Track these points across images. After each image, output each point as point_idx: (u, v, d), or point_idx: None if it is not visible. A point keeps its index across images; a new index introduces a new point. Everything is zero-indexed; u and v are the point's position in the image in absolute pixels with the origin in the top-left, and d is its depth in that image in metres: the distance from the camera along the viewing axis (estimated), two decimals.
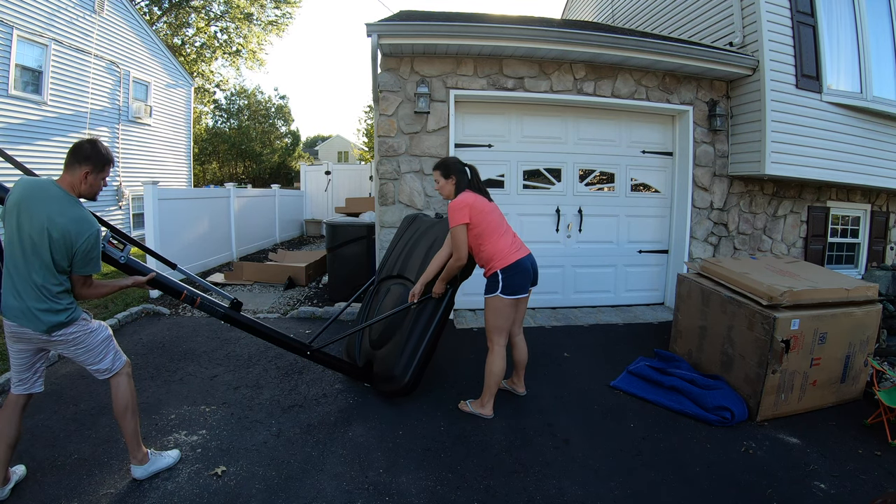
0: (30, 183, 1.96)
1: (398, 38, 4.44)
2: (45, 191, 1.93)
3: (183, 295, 2.31)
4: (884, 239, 6.63)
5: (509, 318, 2.81)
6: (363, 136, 23.53)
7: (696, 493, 2.26)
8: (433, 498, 2.18)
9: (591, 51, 4.71)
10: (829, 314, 2.97)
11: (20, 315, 1.95)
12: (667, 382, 3.27)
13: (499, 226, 2.80)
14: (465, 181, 2.84)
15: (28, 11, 7.74)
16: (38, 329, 1.96)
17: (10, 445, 2.09)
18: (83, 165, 1.97)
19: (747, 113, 5.14)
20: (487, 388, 2.89)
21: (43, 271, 1.92)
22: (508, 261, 2.71)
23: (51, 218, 1.88)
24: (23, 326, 1.97)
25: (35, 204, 1.90)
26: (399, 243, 3.75)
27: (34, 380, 2.15)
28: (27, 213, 1.88)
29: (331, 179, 12.92)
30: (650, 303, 5.66)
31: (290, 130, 26.53)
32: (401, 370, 2.95)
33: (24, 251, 1.90)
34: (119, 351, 2.24)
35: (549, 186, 5.29)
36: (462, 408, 2.99)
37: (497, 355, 2.82)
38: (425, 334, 3.00)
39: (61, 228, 1.88)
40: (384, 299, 3.43)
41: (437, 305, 3.02)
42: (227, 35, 19.11)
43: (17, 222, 1.90)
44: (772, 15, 4.87)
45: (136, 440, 2.23)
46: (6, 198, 1.95)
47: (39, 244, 1.88)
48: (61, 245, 1.89)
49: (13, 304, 1.96)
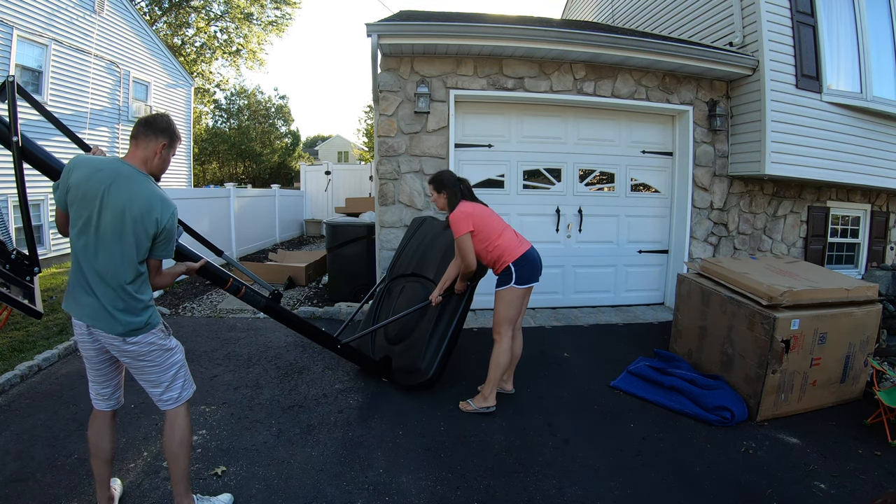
0: (95, 162, 1.72)
1: (398, 38, 4.44)
2: (118, 170, 1.71)
3: (229, 283, 2.22)
4: (884, 239, 6.63)
5: (519, 309, 2.97)
6: (363, 136, 23.54)
7: (696, 493, 2.26)
8: (433, 498, 2.18)
9: (591, 51, 4.71)
10: (829, 314, 2.97)
11: (94, 314, 1.72)
12: (667, 382, 3.27)
13: (499, 226, 2.96)
14: (459, 194, 2.99)
15: (28, 11, 7.74)
16: (114, 331, 1.73)
17: (106, 461, 1.92)
18: (160, 138, 1.78)
19: (747, 113, 5.14)
20: (491, 380, 2.95)
21: (124, 261, 1.70)
22: (517, 254, 2.88)
23: (132, 198, 1.68)
24: (96, 327, 1.74)
25: (116, 185, 1.67)
26: (411, 243, 3.87)
27: (116, 395, 1.95)
28: (106, 196, 1.66)
29: (331, 179, 12.92)
30: (650, 303, 5.65)
31: (290, 130, 26.51)
32: (426, 363, 3.12)
33: (100, 239, 1.68)
34: (190, 379, 1.99)
35: (549, 186, 5.29)
36: (464, 408, 2.99)
37: (504, 346, 2.93)
38: (448, 329, 3.17)
39: (146, 207, 1.69)
40: (398, 297, 3.56)
41: (458, 302, 3.21)
42: (227, 35, 19.13)
43: (98, 206, 1.66)
44: (772, 15, 4.87)
45: (187, 483, 1.95)
46: (68, 178, 1.69)
47: (121, 229, 1.67)
48: (144, 227, 1.70)
49: (86, 301, 1.73)
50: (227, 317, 4.91)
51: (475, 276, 3.14)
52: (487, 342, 3.09)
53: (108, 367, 1.90)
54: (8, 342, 3.80)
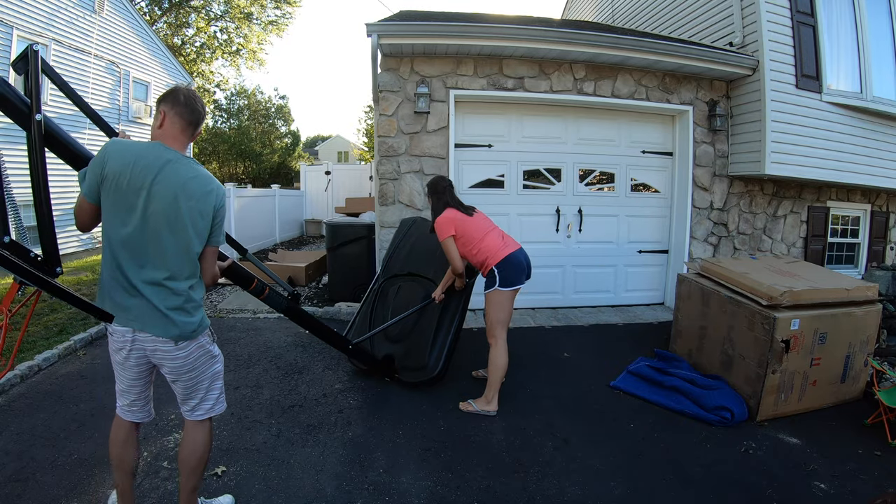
0: (136, 149, 1.54)
1: (398, 38, 4.44)
2: (163, 155, 1.55)
3: (254, 284, 2.16)
4: (884, 239, 6.63)
5: (509, 311, 2.99)
6: (363, 136, 23.53)
7: (696, 493, 2.26)
8: (433, 498, 2.18)
9: (591, 51, 4.71)
10: (829, 314, 2.97)
11: (143, 317, 1.55)
12: (667, 382, 3.27)
13: (482, 229, 3.02)
14: (444, 200, 3.07)
15: (28, 11, 7.74)
16: (168, 334, 1.57)
17: (130, 473, 1.79)
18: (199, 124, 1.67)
19: (747, 113, 5.14)
20: (493, 384, 2.97)
21: (178, 254, 1.56)
22: (499, 257, 2.92)
23: (185, 183, 1.54)
24: (147, 331, 1.57)
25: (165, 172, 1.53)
26: (403, 243, 3.90)
27: (148, 407, 1.79)
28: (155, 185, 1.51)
29: (331, 179, 12.92)
30: (650, 303, 5.65)
31: (290, 130, 26.51)
32: (433, 359, 3.22)
33: (150, 231, 1.52)
34: (224, 394, 1.89)
35: (549, 186, 5.29)
36: (465, 408, 2.99)
37: (500, 349, 2.95)
38: (451, 325, 3.28)
39: (201, 190, 1.57)
40: (396, 297, 3.61)
41: (459, 298, 3.32)
42: (227, 35, 19.11)
43: (146, 195, 1.50)
44: (772, 15, 4.87)
45: (196, 495, 1.87)
46: (103, 166, 1.51)
47: (174, 218, 1.53)
48: (201, 210, 1.58)
49: (131, 303, 1.55)
50: (226, 317, 4.91)
51: (472, 274, 3.26)
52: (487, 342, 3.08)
53: (147, 376, 1.73)
54: (8, 342, 3.80)
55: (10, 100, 1.58)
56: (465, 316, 3.39)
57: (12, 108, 1.58)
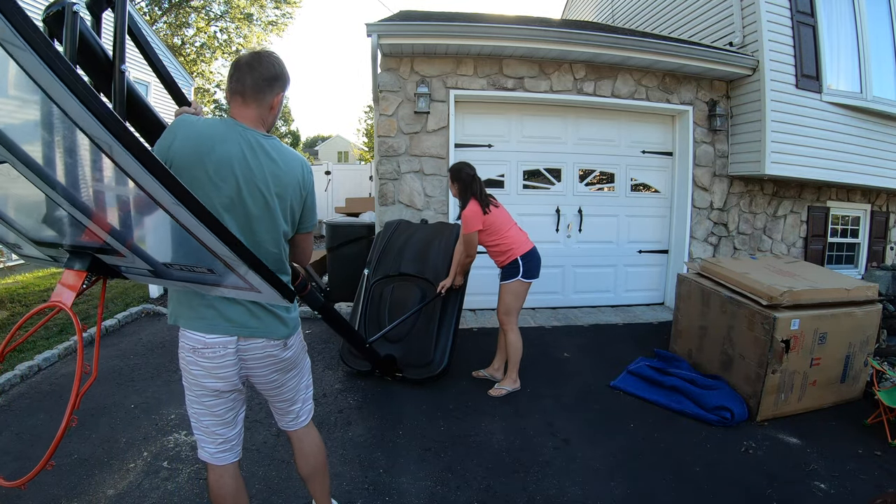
0: (211, 128, 1.31)
1: (398, 38, 4.44)
2: (243, 136, 1.32)
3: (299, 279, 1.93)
4: (884, 239, 6.63)
5: (523, 301, 3.19)
6: (363, 136, 23.54)
7: (696, 493, 2.26)
8: (433, 498, 2.18)
9: (591, 51, 4.71)
10: (829, 314, 2.97)
11: (251, 321, 1.34)
12: (667, 382, 3.27)
13: (507, 221, 3.17)
14: (469, 191, 3.11)
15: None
16: (280, 335, 1.39)
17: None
18: (275, 87, 1.39)
19: (747, 113, 5.14)
20: (514, 365, 3.22)
21: (277, 244, 1.37)
22: (525, 248, 3.10)
23: (273, 166, 1.34)
24: (257, 336, 1.35)
25: (249, 155, 1.31)
26: (390, 245, 3.97)
27: (239, 438, 1.52)
28: (239, 169, 1.29)
29: (331, 179, 12.92)
30: (650, 303, 5.65)
31: (290, 130, 26.56)
32: (438, 355, 3.32)
33: (243, 220, 1.31)
34: None
35: (549, 186, 5.29)
36: (496, 393, 3.19)
37: (516, 333, 3.18)
38: (452, 321, 3.42)
39: (291, 170, 1.38)
40: (391, 297, 3.65)
41: (456, 297, 3.48)
42: (227, 35, 19.12)
43: (235, 183, 1.28)
44: (772, 15, 4.87)
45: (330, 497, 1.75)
46: (170, 144, 1.26)
47: (266, 205, 1.32)
48: (293, 193, 1.39)
49: (231, 309, 1.32)
50: None
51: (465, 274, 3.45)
52: (487, 342, 3.10)
53: (240, 397, 1.48)
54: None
55: (93, 47, 1.34)
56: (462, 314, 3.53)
57: (91, 58, 1.35)
